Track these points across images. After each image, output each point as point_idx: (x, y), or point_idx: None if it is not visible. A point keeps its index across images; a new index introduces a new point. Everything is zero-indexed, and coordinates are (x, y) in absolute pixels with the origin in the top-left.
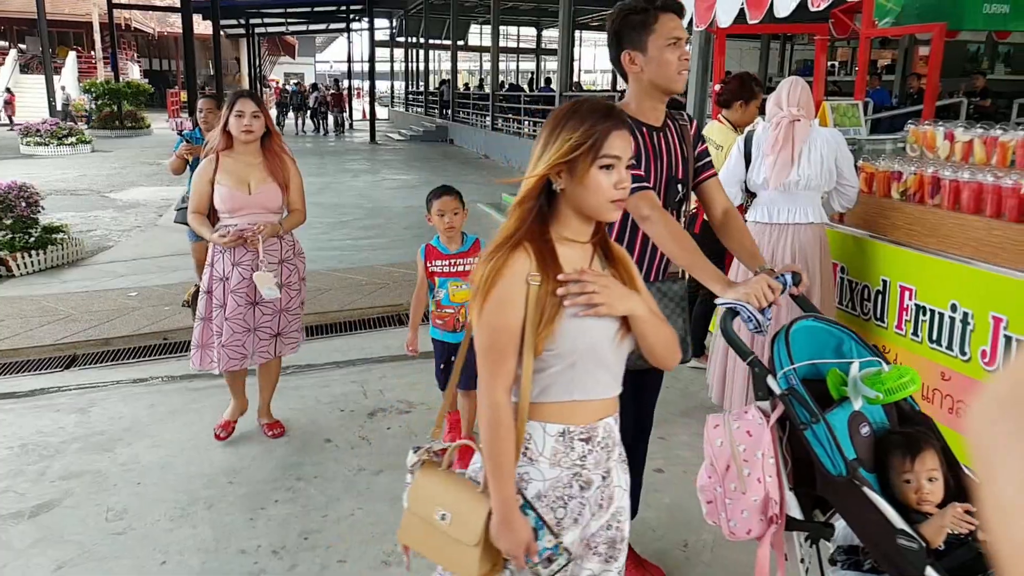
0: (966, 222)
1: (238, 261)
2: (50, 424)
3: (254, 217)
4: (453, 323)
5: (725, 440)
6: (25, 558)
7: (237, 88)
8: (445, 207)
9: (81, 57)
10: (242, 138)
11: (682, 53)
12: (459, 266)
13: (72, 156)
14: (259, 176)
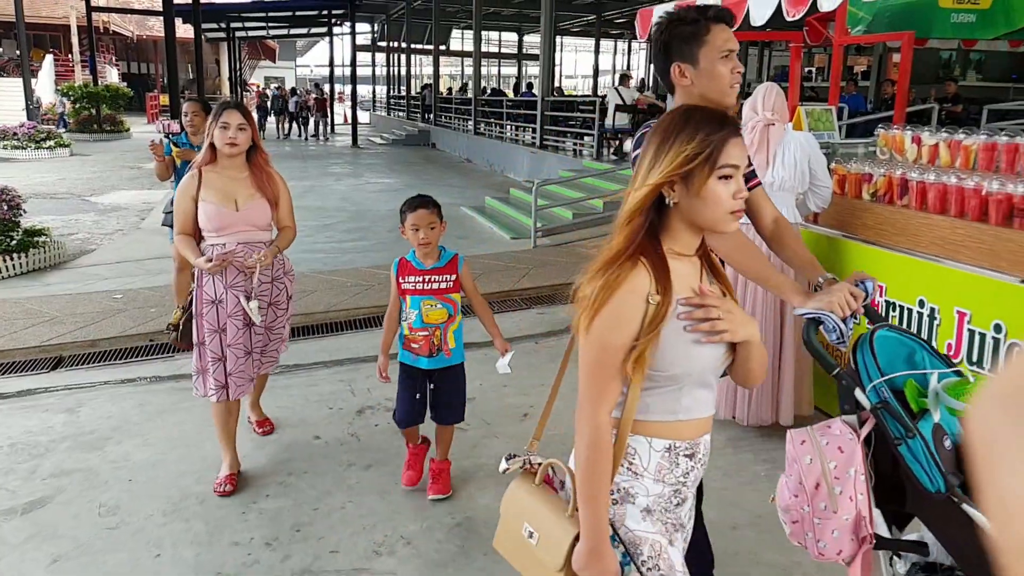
0: (932, 221)
1: (231, 284)
2: (39, 424)
3: (242, 235)
4: (429, 347)
5: (815, 457)
6: (20, 553)
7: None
8: (420, 221)
9: (58, 60)
10: (226, 151)
11: (735, 66)
12: (434, 283)
13: (50, 160)
14: (246, 192)
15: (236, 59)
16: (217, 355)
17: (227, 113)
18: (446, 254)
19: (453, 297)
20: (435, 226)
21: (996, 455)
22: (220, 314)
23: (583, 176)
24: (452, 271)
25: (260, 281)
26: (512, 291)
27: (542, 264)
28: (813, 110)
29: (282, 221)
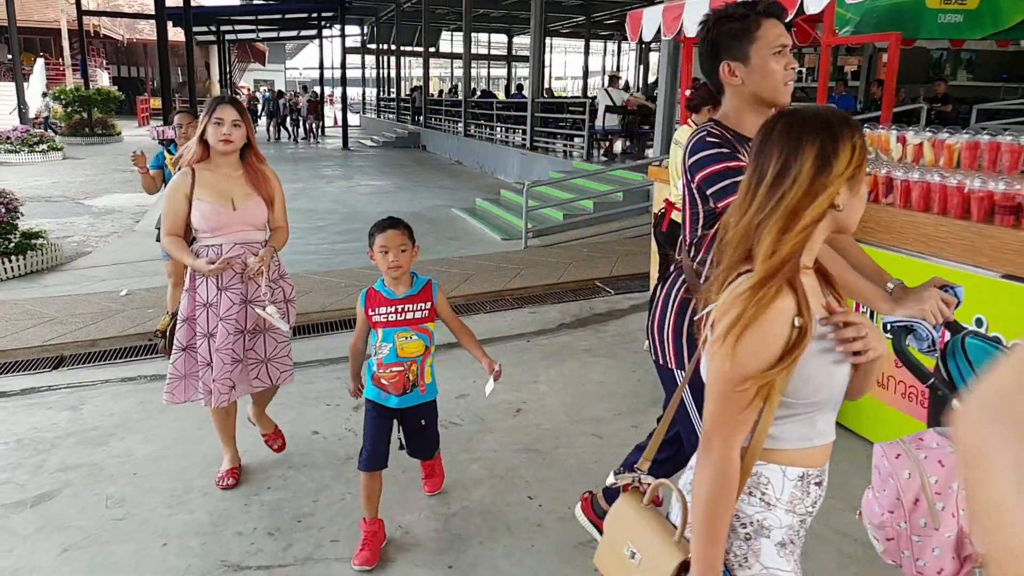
0: (916, 219)
1: (226, 286)
2: (44, 421)
3: (239, 236)
4: (403, 383)
5: (914, 471)
6: (30, 543)
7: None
8: (389, 242)
9: (49, 64)
10: (220, 148)
11: (788, 61)
12: (408, 313)
13: (43, 163)
14: (242, 190)
15: (226, 62)
16: (206, 359)
17: (221, 108)
18: (419, 280)
19: (429, 327)
20: (406, 248)
21: (982, 462)
22: (211, 318)
23: (573, 177)
24: (427, 298)
25: (270, 287)
26: (504, 291)
27: (533, 264)
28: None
29: (276, 221)
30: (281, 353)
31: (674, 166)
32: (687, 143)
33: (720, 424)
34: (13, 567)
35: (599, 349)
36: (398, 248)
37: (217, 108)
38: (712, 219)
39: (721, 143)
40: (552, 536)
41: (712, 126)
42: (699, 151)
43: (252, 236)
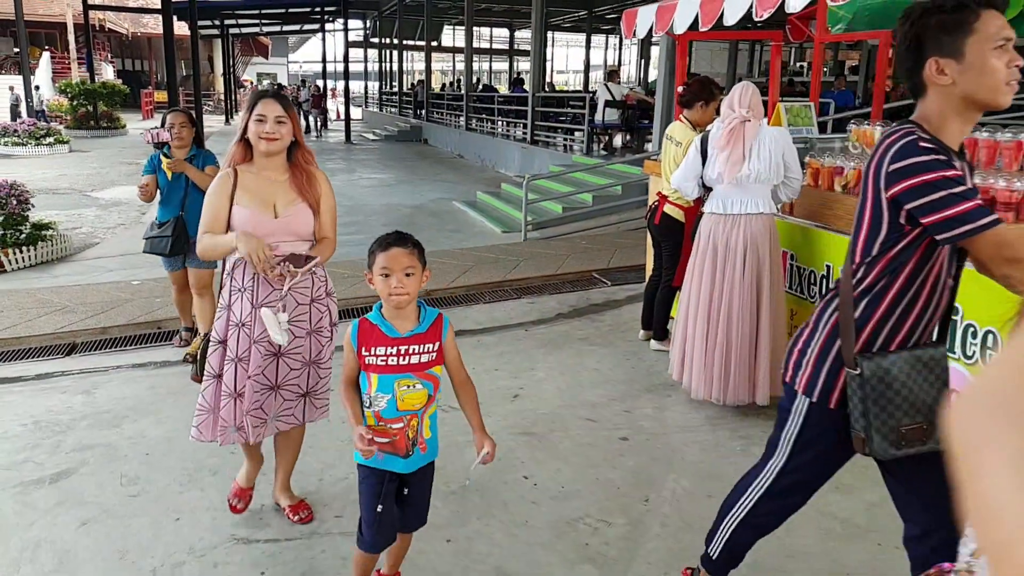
0: None
1: (262, 302)
2: (59, 404)
3: (280, 247)
4: (405, 444)
5: None
6: (51, 517)
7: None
8: (393, 264)
9: (55, 58)
10: (262, 147)
11: (1012, 58)
12: (412, 356)
13: (50, 156)
14: (286, 196)
15: (230, 56)
16: (231, 390)
17: (263, 103)
18: (427, 314)
19: (435, 372)
20: (414, 272)
21: (976, 458)
22: (242, 339)
23: (572, 171)
24: (435, 338)
25: (296, 301)
26: (503, 282)
27: (531, 256)
28: (792, 106)
29: (323, 230)
30: (322, 388)
31: (666, 161)
32: (882, 147)
33: None
34: (36, 539)
35: (595, 338)
36: (403, 271)
37: (259, 103)
38: (898, 237)
39: (936, 149)
40: (546, 513)
41: (915, 128)
42: (908, 157)
43: (295, 248)
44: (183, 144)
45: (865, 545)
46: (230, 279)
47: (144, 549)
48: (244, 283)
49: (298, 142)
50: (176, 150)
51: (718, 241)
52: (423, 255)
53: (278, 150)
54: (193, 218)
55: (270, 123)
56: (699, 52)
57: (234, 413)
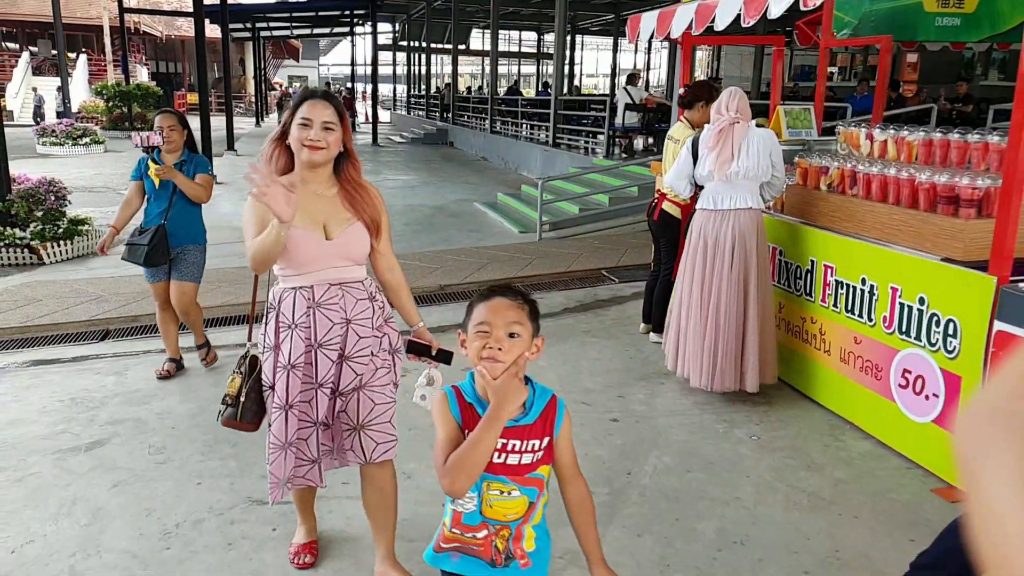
0: (874, 208)
1: (323, 341)
2: (93, 383)
3: (333, 273)
4: (491, 553)
5: None
6: (87, 479)
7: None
8: (494, 318)
9: (91, 60)
10: (304, 156)
11: None
12: (512, 454)
13: (87, 156)
14: (339, 214)
15: (261, 58)
16: (280, 441)
17: (311, 105)
18: (538, 397)
19: (542, 475)
20: (520, 333)
21: (978, 469)
22: (292, 383)
23: (587, 172)
24: (544, 431)
25: (358, 335)
26: (514, 278)
27: (544, 255)
28: (792, 109)
29: (383, 253)
30: (380, 417)
31: (667, 160)
32: None
33: None
34: (72, 497)
35: (598, 331)
36: (506, 328)
37: (305, 104)
38: None
39: None
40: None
41: None
42: None
43: (349, 273)
44: (174, 148)
45: (826, 515)
46: (275, 314)
47: (168, 508)
48: (296, 318)
49: (348, 152)
50: (166, 154)
51: (708, 236)
52: (536, 316)
53: (323, 161)
54: (176, 228)
55: (316, 129)
56: (728, 57)
57: (283, 465)
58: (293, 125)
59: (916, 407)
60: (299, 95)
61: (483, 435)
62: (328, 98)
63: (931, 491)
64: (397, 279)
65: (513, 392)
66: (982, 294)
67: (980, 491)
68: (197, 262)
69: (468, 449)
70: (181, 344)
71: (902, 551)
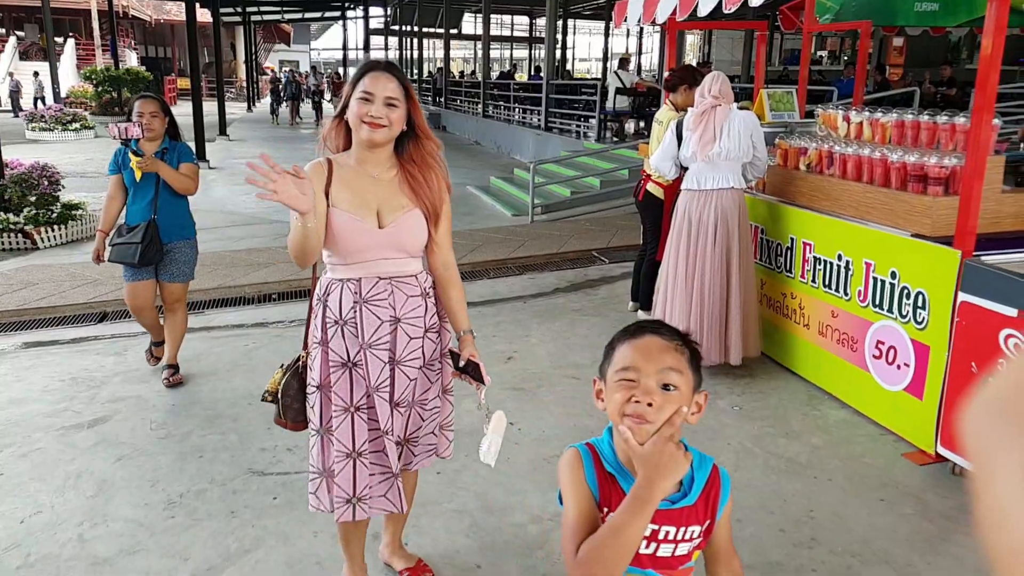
0: (849, 187)
1: (371, 341)
2: (93, 363)
3: (384, 266)
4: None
5: None
6: (90, 454)
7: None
8: (645, 363)
9: (79, 44)
10: (364, 135)
11: None
12: (663, 544)
13: (76, 141)
14: (395, 199)
15: (252, 42)
16: (347, 448)
17: (373, 77)
18: (699, 468)
19: (694, 562)
20: (678, 380)
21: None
22: (357, 384)
23: (578, 155)
24: (708, 513)
25: (408, 335)
26: (507, 259)
27: (536, 237)
28: (775, 92)
29: (439, 245)
30: (426, 429)
31: (653, 142)
32: None
33: None
34: (77, 470)
35: (588, 309)
36: (658, 377)
37: (366, 77)
38: None
39: None
40: (527, 452)
41: None
42: None
43: (403, 267)
44: (155, 136)
45: (803, 478)
46: (322, 307)
47: (172, 479)
48: (344, 314)
49: (416, 130)
50: (146, 143)
51: (692, 215)
52: (699, 364)
53: (383, 140)
54: (165, 223)
55: (378, 104)
56: (720, 41)
57: (353, 478)
58: (352, 99)
59: (889, 376)
60: (360, 67)
61: (629, 520)
62: (392, 69)
63: (902, 455)
64: (451, 277)
65: (669, 464)
66: (948, 267)
67: (989, 487)
68: (189, 260)
69: (609, 537)
70: None
71: (872, 510)
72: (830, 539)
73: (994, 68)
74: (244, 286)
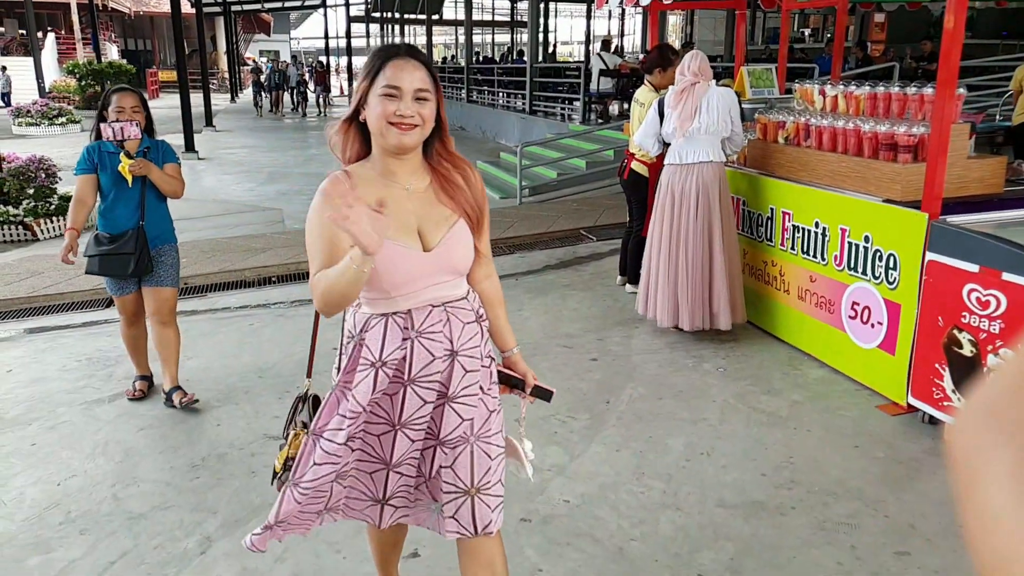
0: (825, 158)
1: (416, 377)
2: (106, 344)
3: (433, 292)
4: None
5: None
6: (114, 424)
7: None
8: None
9: (59, 39)
10: (392, 140)
11: None
12: None
13: (63, 135)
14: (436, 212)
15: (233, 32)
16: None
17: (396, 67)
18: None
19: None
20: None
21: (976, 467)
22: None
23: (563, 137)
24: None
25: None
26: (497, 240)
27: (525, 218)
28: (754, 69)
29: (484, 254)
30: (495, 476)
31: (634, 122)
32: None
33: None
34: (104, 439)
35: (577, 284)
36: None
37: (388, 67)
38: None
39: None
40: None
41: None
42: None
43: (454, 290)
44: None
45: (783, 429)
46: (355, 346)
47: (193, 444)
48: (386, 354)
49: (441, 125)
50: (129, 143)
51: (675, 188)
52: None
53: (416, 143)
54: (153, 228)
55: (407, 100)
56: (702, 21)
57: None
58: (372, 97)
59: (864, 335)
60: (376, 55)
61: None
62: (417, 54)
63: (876, 407)
64: (494, 289)
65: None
66: (916, 229)
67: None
68: (175, 263)
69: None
70: (191, 307)
71: (847, 455)
72: (807, 481)
73: (956, 42)
74: (244, 270)
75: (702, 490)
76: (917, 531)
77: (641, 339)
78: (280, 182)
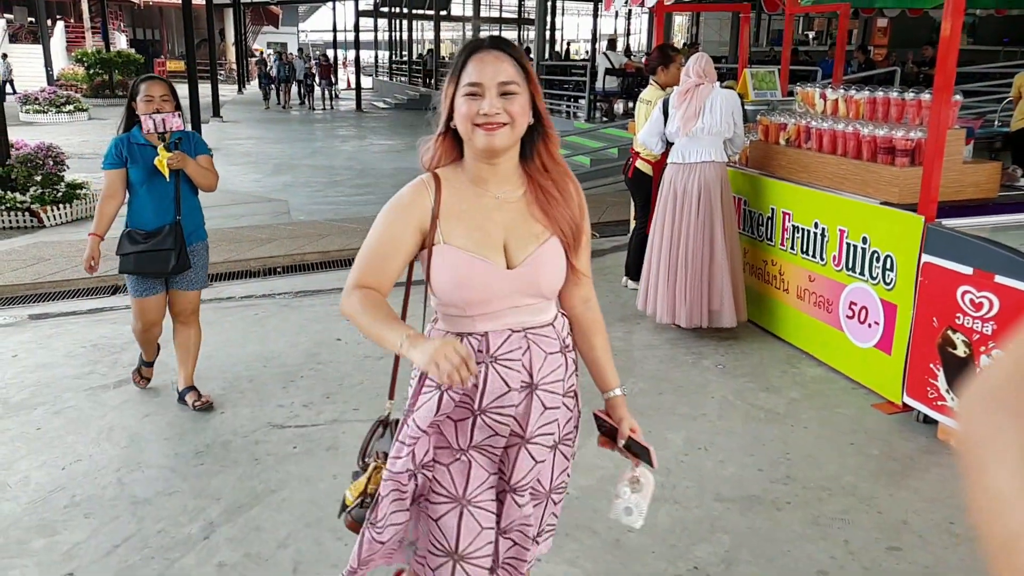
0: (825, 160)
1: (490, 407)
2: (111, 331)
3: (514, 318)
4: None
5: None
6: (119, 411)
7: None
8: None
9: (69, 28)
10: (480, 143)
11: None
12: None
13: (70, 123)
14: (524, 226)
15: (242, 24)
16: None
17: (478, 62)
18: None
19: None
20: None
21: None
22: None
23: (570, 135)
24: None
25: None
26: None
27: None
28: (758, 72)
29: (581, 276)
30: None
31: (639, 120)
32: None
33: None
34: (109, 425)
35: None
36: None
37: (469, 63)
38: None
39: None
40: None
41: None
42: None
43: (538, 315)
44: None
45: (780, 426)
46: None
47: (198, 431)
48: None
49: (541, 122)
50: (156, 135)
51: (677, 187)
52: None
53: (506, 145)
54: (188, 223)
55: (490, 97)
56: (708, 23)
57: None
58: (457, 99)
59: (861, 334)
60: (460, 51)
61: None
62: (502, 45)
63: (872, 406)
64: (594, 318)
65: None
66: (913, 231)
67: (984, 477)
68: (205, 264)
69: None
70: None
71: (842, 452)
72: (803, 476)
73: (952, 49)
74: (249, 260)
75: (700, 484)
76: (909, 527)
77: (642, 335)
78: (286, 174)
